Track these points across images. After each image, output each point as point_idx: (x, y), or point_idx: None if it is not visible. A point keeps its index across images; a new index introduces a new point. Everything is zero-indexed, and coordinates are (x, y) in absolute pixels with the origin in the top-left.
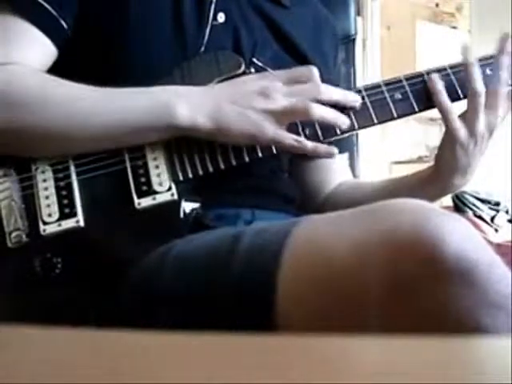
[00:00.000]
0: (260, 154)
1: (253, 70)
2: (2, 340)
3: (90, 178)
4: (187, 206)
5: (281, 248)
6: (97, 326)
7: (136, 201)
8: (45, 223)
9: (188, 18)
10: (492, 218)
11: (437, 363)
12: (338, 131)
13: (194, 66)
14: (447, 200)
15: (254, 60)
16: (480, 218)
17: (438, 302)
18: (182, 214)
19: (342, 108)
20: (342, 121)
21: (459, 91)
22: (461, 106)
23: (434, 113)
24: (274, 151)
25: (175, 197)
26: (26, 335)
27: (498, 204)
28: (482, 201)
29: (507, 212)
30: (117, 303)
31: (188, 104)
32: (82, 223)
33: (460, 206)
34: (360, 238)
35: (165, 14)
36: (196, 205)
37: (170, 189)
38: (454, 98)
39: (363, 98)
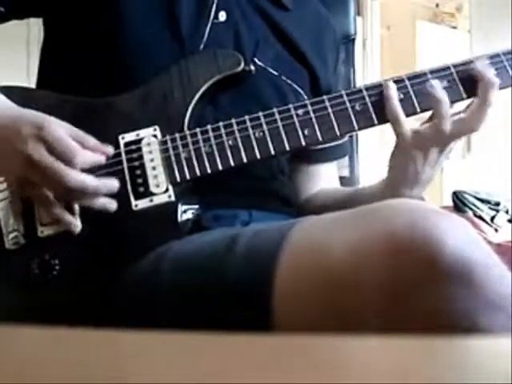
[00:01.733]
0: (258, 156)
1: (253, 68)
2: (1, 341)
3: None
4: (184, 208)
5: (278, 249)
6: (95, 327)
7: (133, 202)
8: (42, 224)
9: (185, 15)
10: (492, 218)
11: (437, 363)
12: (337, 132)
13: (192, 63)
14: (447, 200)
15: (256, 60)
16: (480, 217)
17: (436, 303)
18: (179, 215)
19: (341, 108)
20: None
21: (462, 91)
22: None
23: None
24: (273, 153)
25: (172, 198)
26: (25, 336)
27: (497, 204)
28: (482, 201)
29: (507, 212)
30: (115, 304)
31: None
32: (79, 224)
33: (460, 205)
34: (358, 238)
35: (157, 9)
36: (193, 206)
37: (167, 190)
38: (457, 98)
39: (363, 98)
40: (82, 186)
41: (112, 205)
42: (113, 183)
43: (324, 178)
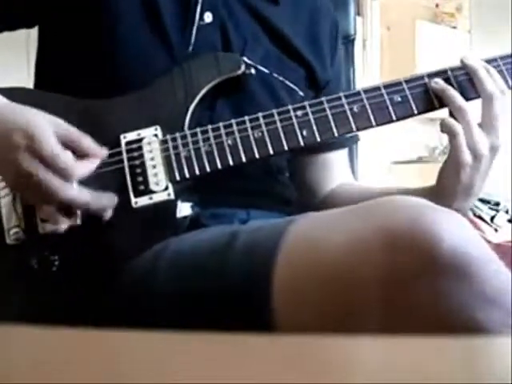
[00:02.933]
0: (257, 156)
1: (253, 71)
2: (0, 338)
3: (87, 176)
4: (184, 205)
5: (277, 245)
6: (93, 325)
7: (133, 200)
8: (43, 221)
9: (170, 19)
10: (492, 218)
11: (437, 363)
12: (335, 132)
13: (193, 65)
14: None
15: (245, 59)
16: (480, 217)
17: (434, 297)
18: (178, 213)
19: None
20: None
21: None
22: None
23: (433, 113)
24: (272, 153)
25: (172, 196)
26: (24, 335)
27: (497, 204)
28: (482, 201)
29: (507, 212)
30: (113, 301)
31: None
32: (79, 221)
33: None
34: (356, 234)
35: (145, 16)
36: (192, 204)
37: (166, 188)
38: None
39: (362, 101)
40: (75, 201)
41: (107, 213)
42: (109, 198)
43: (338, 171)
